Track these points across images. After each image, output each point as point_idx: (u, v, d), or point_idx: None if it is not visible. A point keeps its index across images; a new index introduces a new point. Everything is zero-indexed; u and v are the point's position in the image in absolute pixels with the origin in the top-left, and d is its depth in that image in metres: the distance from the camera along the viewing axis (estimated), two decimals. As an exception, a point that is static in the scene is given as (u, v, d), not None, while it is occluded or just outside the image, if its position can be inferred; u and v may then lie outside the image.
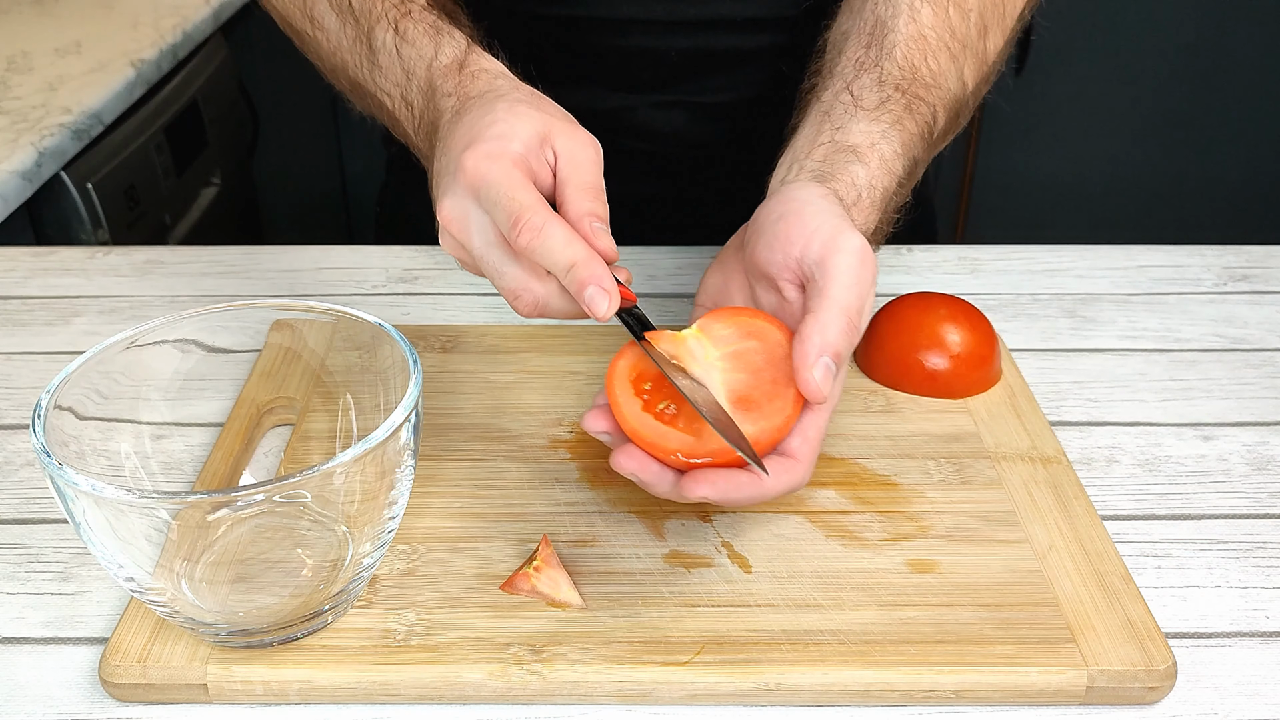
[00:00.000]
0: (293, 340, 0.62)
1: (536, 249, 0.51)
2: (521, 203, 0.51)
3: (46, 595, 0.56)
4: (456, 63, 0.61)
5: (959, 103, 0.68)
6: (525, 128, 0.54)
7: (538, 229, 0.51)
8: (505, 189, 0.51)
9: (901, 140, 0.62)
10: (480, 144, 0.53)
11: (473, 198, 0.53)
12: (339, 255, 0.87)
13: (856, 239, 0.53)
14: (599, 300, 0.51)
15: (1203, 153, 2.43)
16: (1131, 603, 0.53)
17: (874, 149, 0.60)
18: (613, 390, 0.52)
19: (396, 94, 0.64)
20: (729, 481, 0.50)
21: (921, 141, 0.64)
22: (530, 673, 0.50)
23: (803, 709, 0.50)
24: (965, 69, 0.68)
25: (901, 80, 0.64)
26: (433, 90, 0.61)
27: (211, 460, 0.61)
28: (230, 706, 0.50)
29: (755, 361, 0.53)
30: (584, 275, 0.51)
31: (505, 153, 0.53)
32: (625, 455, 0.51)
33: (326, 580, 0.52)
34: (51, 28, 1.49)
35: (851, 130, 0.61)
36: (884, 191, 0.60)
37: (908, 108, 0.63)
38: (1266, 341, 0.77)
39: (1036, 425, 0.65)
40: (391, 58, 0.63)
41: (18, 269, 0.86)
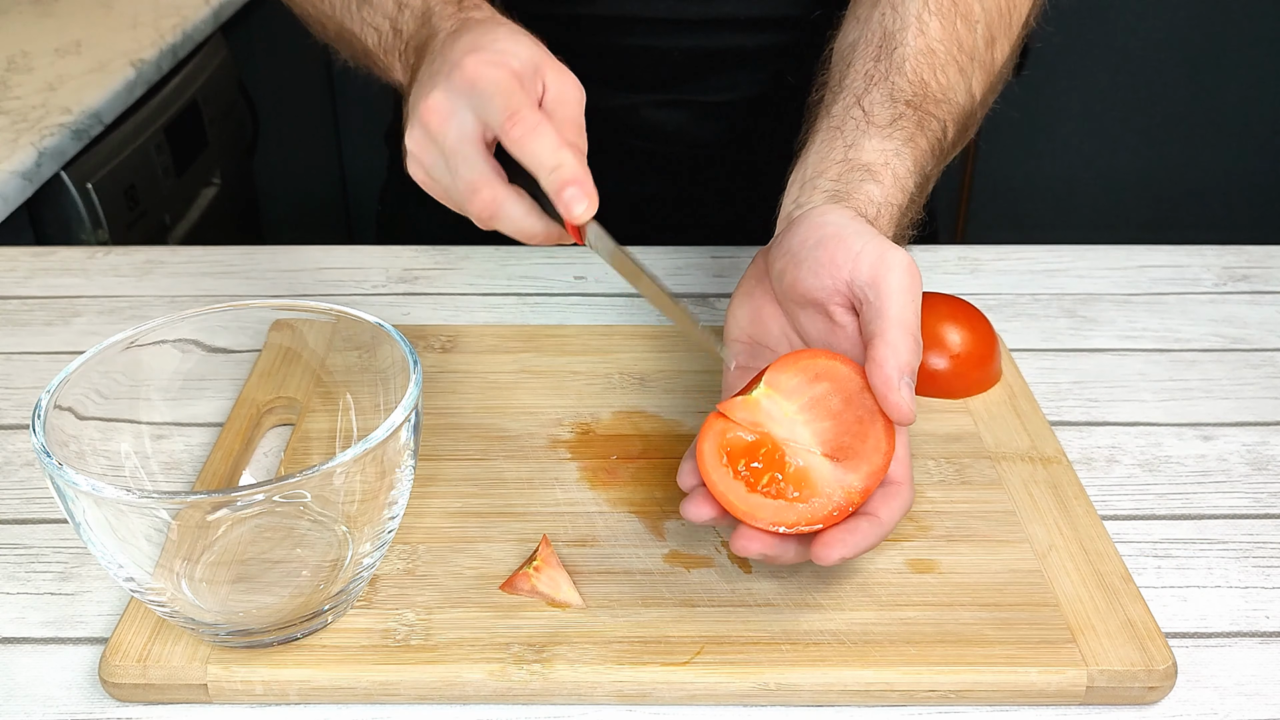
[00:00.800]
0: (293, 340, 0.62)
1: (528, 143, 0.51)
2: (521, 100, 0.52)
3: (46, 595, 0.56)
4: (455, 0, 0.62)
5: (968, 115, 0.68)
6: (524, 52, 0.55)
7: (533, 125, 0.51)
8: (504, 87, 0.52)
9: (914, 157, 0.62)
10: (483, 52, 0.53)
11: (465, 93, 0.53)
12: (339, 255, 0.87)
13: (902, 255, 0.53)
14: (578, 201, 0.50)
15: (1203, 153, 2.43)
16: (1131, 603, 0.53)
17: (887, 167, 0.60)
18: (710, 478, 0.51)
19: (386, 26, 0.65)
20: (854, 536, 0.50)
21: (932, 157, 0.64)
22: (530, 673, 0.50)
23: (803, 709, 0.50)
24: (974, 81, 0.68)
25: (913, 96, 0.63)
26: (429, 14, 0.62)
27: (211, 460, 0.61)
28: (230, 706, 0.50)
29: (833, 405, 0.53)
30: (568, 175, 0.51)
31: (505, 64, 0.53)
32: (748, 539, 0.50)
33: (326, 580, 0.52)
34: (51, 28, 1.49)
35: (865, 148, 0.61)
36: (898, 208, 0.60)
37: (919, 124, 0.63)
38: (1266, 341, 0.77)
39: (1036, 425, 0.65)
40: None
41: (18, 269, 0.86)
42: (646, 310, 0.80)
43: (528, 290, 0.82)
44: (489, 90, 0.52)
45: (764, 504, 0.50)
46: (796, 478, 0.51)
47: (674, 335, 0.74)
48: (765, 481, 0.51)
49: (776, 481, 0.51)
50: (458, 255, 0.87)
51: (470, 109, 0.53)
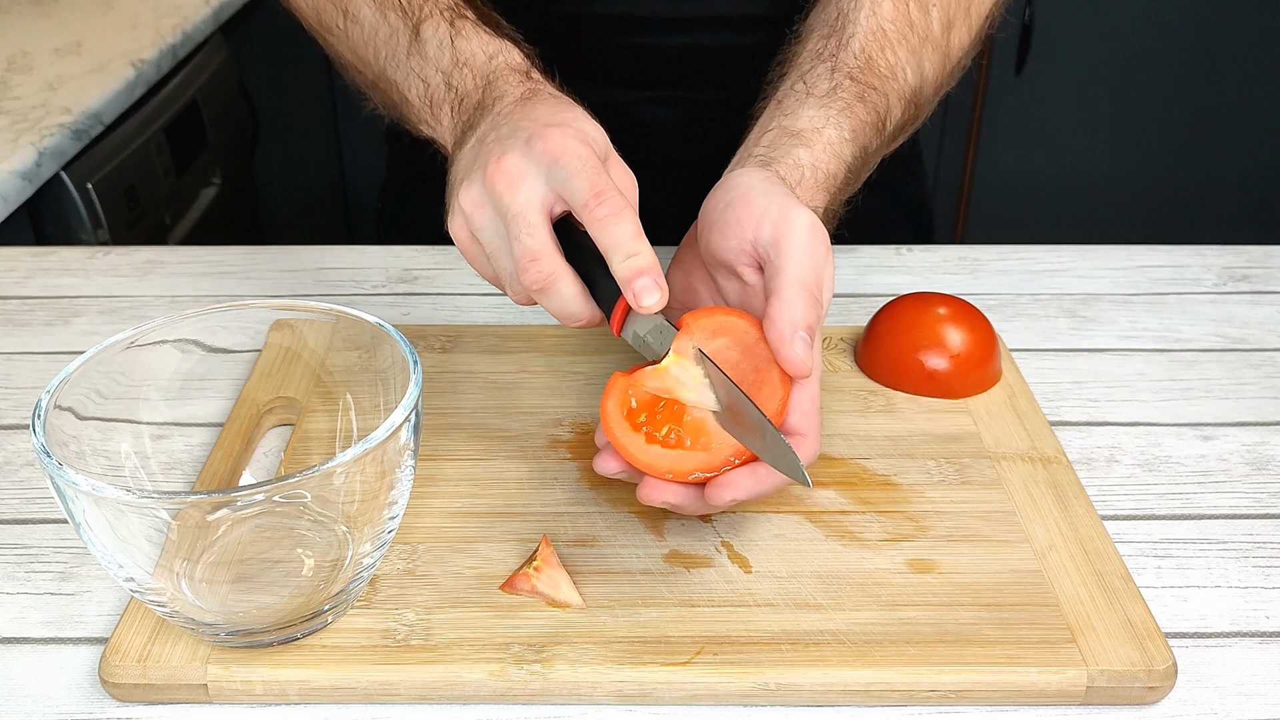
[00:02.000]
0: (293, 340, 0.62)
1: (611, 225, 0.51)
2: (607, 181, 0.52)
3: (46, 595, 0.56)
4: (523, 68, 0.62)
5: (916, 95, 0.68)
6: (600, 136, 0.56)
7: (619, 207, 0.52)
8: (591, 164, 0.53)
9: (851, 126, 0.62)
10: (569, 127, 0.54)
11: (545, 163, 0.53)
12: (339, 255, 0.87)
13: (805, 214, 0.54)
14: (649, 292, 0.51)
15: (1203, 153, 2.43)
16: (1131, 603, 0.53)
17: (819, 133, 0.61)
18: (613, 433, 0.53)
19: (438, 79, 0.64)
20: (750, 479, 0.51)
21: (874, 130, 0.64)
22: (530, 673, 0.50)
23: (803, 709, 0.50)
24: (925, 62, 0.68)
25: (855, 69, 0.64)
26: (494, 77, 0.61)
27: (211, 460, 0.61)
28: (230, 706, 0.50)
29: (730, 356, 0.54)
30: (645, 265, 0.51)
31: (589, 144, 0.54)
32: (650, 488, 0.52)
33: (326, 580, 0.52)
34: (51, 28, 1.49)
35: (799, 116, 0.62)
36: (828, 174, 0.61)
37: (859, 96, 0.63)
38: (1266, 341, 0.77)
39: (1036, 425, 0.65)
40: (442, 47, 0.64)
41: (18, 269, 0.86)
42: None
43: (528, 290, 0.82)
44: (574, 165, 0.52)
45: (662, 454, 0.52)
46: (693, 428, 0.53)
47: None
48: (664, 433, 0.53)
49: (675, 432, 0.53)
50: (458, 255, 0.87)
51: (545, 179, 0.53)
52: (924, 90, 0.69)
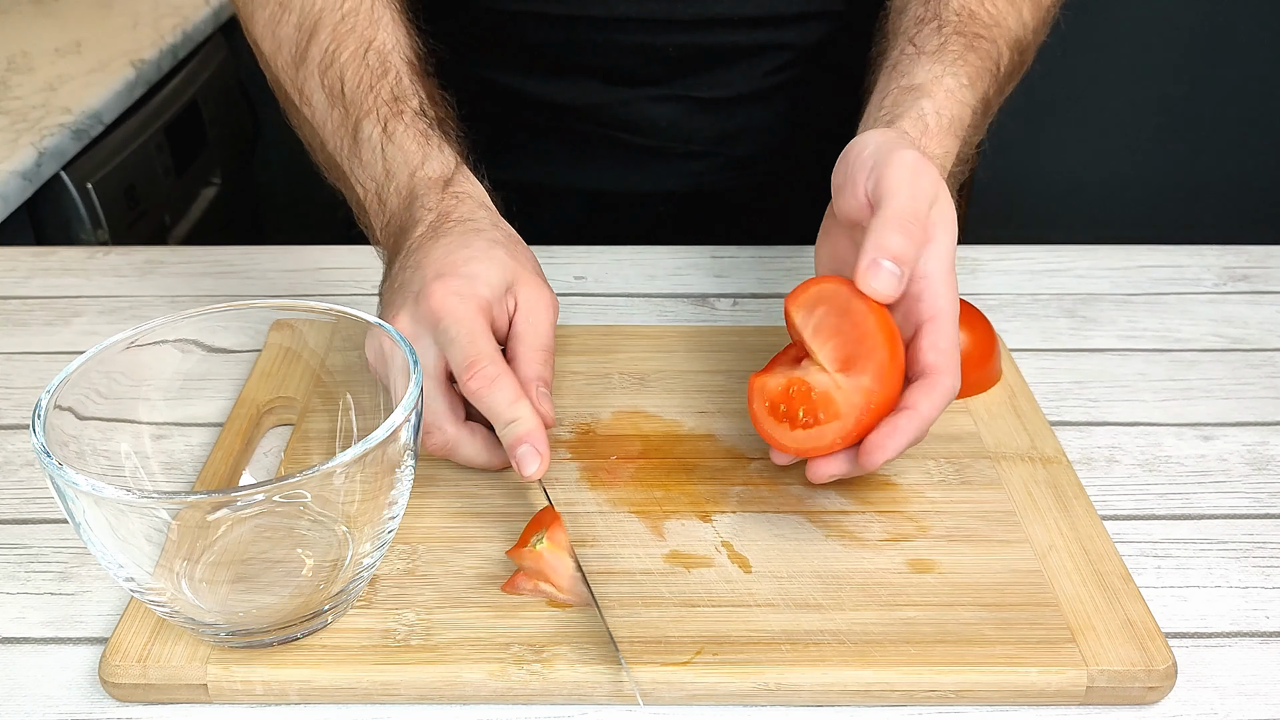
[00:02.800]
0: (293, 340, 0.62)
1: (484, 396, 0.54)
2: (480, 349, 0.54)
3: (46, 595, 0.56)
4: (442, 179, 0.62)
5: (1021, 41, 0.70)
6: (496, 274, 0.57)
7: (490, 379, 0.54)
8: (467, 331, 0.54)
9: (967, 73, 0.63)
10: (452, 279, 0.55)
11: (430, 326, 0.55)
12: (339, 255, 0.87)
13: (908, 152, 0.54)
14: (529, 460, 0.54)
15: (1203, 153, 2.43)
16: (1131, 603, 0.53)
17: (938, 82, 0.62)
18: (763, 430, 0.56)
19: (372, 188, 0.64)
20: (892, 437, 0.52)
21: (989, 76, 0.65)
22: (530, 673, 0.50)
23: (803, 709, 0.50)
24: (1024, 9, 0.70)
25: (960, 24, 0.66)
26: (413, 198, 0.62)
27: (211, 460, 0.61)
28: (230, 706, 0.50)
29: (831, 322, 0.55)
30: (521, 432, 0.54)
31: (474, 295, 0.55)
32: (815, 468, 0.55)
33: (326, 580, 0.52)
34: (51, 28, 1.49)
35: (915, 74, 0.63)
36: (954, 119, 0.62)
37: (969, 46, 0.65)
38: (1266, 341, 0.77)
39: (1036, 425, 0.65)
40: (375, 154, 0.64)
41: (18, 269, 0.86)
42: (646, 310, 0.80)
43: (528, 290, 0.82)
44: (452, 330, 0.54)
45: (805, 435, 0.55)
46: (821, 401, 0.55)
47: (674, 335, 0.74)
48: (801, 415, 0.55)
49: (811, 411, 0.55)
50: (458, 255, 0.87)
51: (433, 343, 0.55)
52: (1026, 36, 0.70)
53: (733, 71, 0.88)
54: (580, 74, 0.88)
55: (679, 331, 0.75)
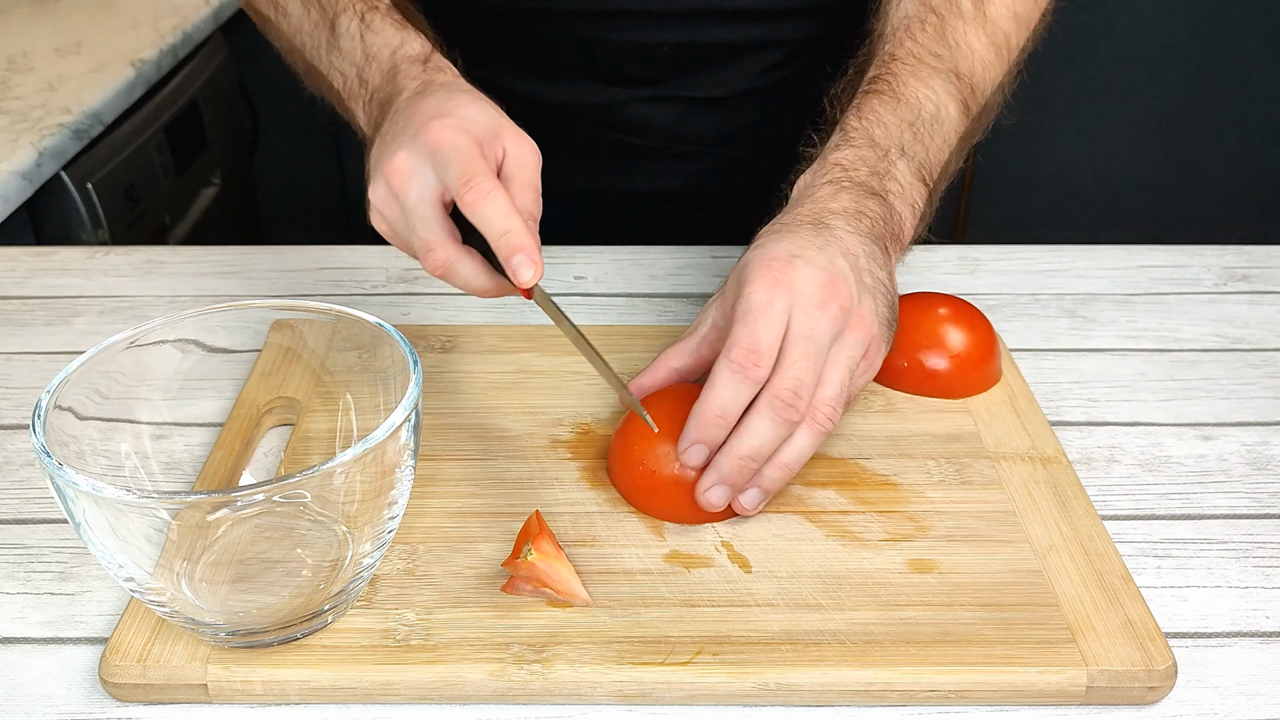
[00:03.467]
0: (293, 340, 0.62)
1: (480, 208, 0.54)
2: (477, 168, 0.55)
3: (46, 595, 0.56)
4: (422, 57, 0.65)
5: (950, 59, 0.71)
6: (484, 119, 0.58)
7: (486, 191, 0.54)
8: (464, 153, 0.55)
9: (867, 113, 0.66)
10: (446, 118, 0.57)
11: (428, 156, 0.56)
12: (339, 255, 0.87)
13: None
14: (525, 267, 0.54)
15: (1203, 153, 2.43)
16: (1131, 603, 0.53)
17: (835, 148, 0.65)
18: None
19: (352, 73, 0.67)
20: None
21: (890, 107, 0.67)
22: (530, 673, 0.50)
23: (803, 709, 0.50)
24: (957, 37, 0.72)
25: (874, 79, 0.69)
26: (395, 72, 0.64)
27: (211, 460, 0.61)
28: (230, 706, 0.50)
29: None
30: (517, 242, 0.54)
31: (467, 130, 0.57)
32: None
33: (326, 580, 0.52)
34: (51, 28, 1.49)
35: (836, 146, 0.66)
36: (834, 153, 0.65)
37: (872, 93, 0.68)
38: (1266, 341, 0.77)
39: (1036, 425, 0.65)
40: (354, 41, 0.67)
41: (18, 269, 0.86)
42: (646, 310, 0.80)
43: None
44: (449, 155, 0.55)
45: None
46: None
47: (674, 335, 0.74)
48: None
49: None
50: (458, 255, 0.87)
51: (432, 171, 0.56)
52: (963, 48, 0.72)
53: (728, 70, 0.88)
54: (577, 75, 0.88)
55: (679, 331, 0.75)
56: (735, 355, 0.55)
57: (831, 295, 0.56)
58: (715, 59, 0.87)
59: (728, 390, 0.55)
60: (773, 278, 0.56)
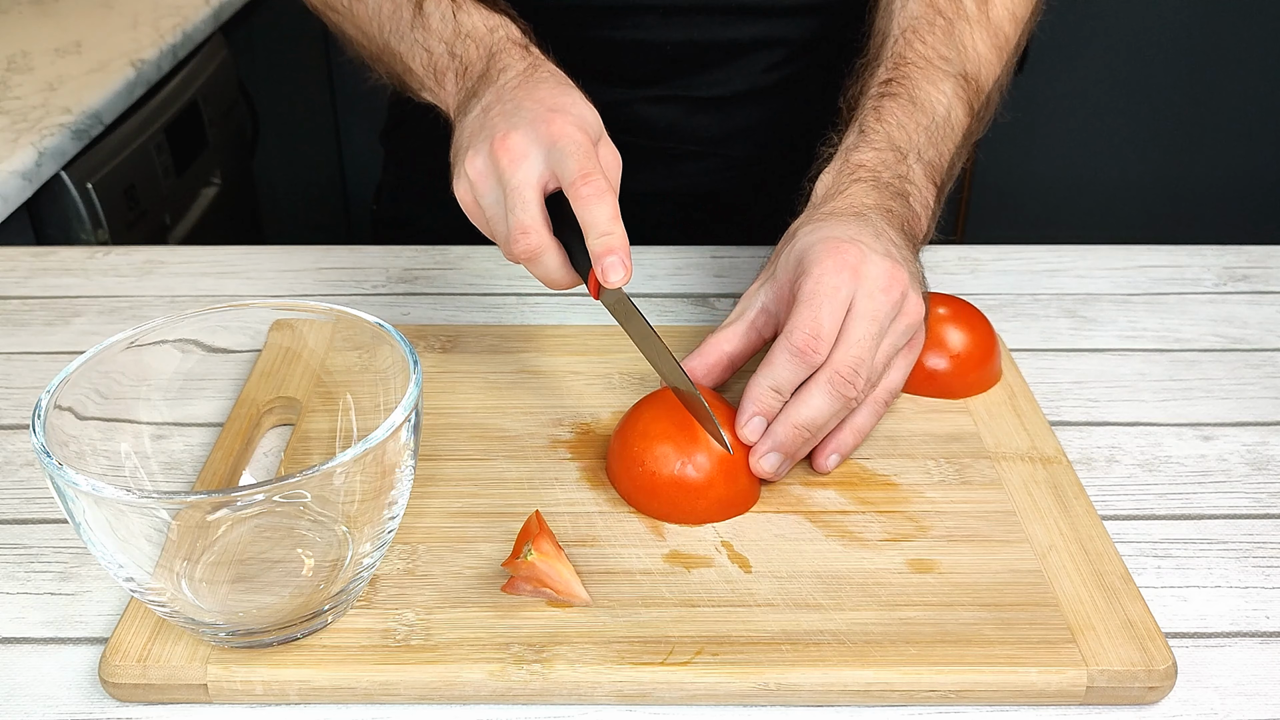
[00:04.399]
0: (293, 340, 0.62)
1: (593, 203, 0.56)
2: (595, 164, 0.57)
3: (46, 595, 0.56)
4: (523, 42, 0.67)
5: (958, 60, 0.72)
6: (594, 120, 0.61)
7: (601, 189, 0.56)
8: (584, 148, 0.58)
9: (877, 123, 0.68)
10: (568, 114, 0.59)
11: (545, 145, 0.58)
12: (339, 255, 0.87)
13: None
14: (616, 269, 0.56)
15: (1203, 153, 2.43)
16: (1131, 603, 0.53)
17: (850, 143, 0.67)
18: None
19: (442, 49, 0.68)
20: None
21: (907, 109, 0.68)
22: (530, 673, 0.50)
23: (803, 709, 0.50)
24: (964, 37, 0.73)
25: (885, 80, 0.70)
26: (496, 51, 0.66)
27: (211, 460, 0.61)
28: (230, 706, 0.50)
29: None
30: (615, 244, 0.56)
31: (586, 131, 0.59)
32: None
33: (326, 580, 0.52)
34: (51, 28, 1.49)
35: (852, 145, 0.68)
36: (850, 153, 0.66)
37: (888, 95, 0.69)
38: (1266, 341, 0.77)
39: (1036, 425, 0.65)
40: (445, 20, 0.69)
41: (18, 269, 0.86)
42: (646, 310, 0.80)
43: (528, 290, 0.82)
44: (569, 148, 0.57)
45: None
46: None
47: (674, 335, 0.74)
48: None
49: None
50: (458, 255, 0.87)
51: (544, 159, 0.58)
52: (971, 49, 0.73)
53: (729, 70, 0.88)
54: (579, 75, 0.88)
55: (679, 331, 0.75)
56: (796, 339, 0.57)
57: (894, 280, 0.58)
58: (716, 58, 0.87)
59: (785, 370, 0.57)
60: (840, 259, 0.58)
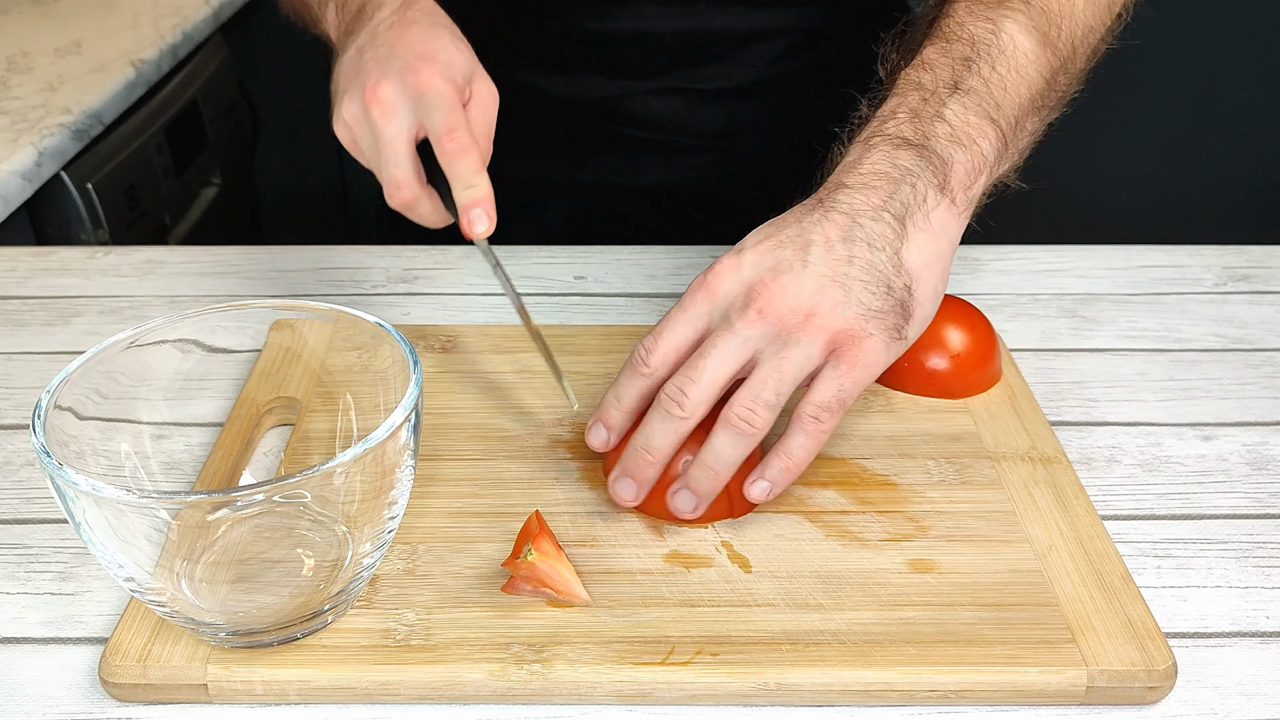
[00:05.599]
0: (293, 340, 0.62)
1: (456, 158, 0.59)
2: (460, 120, 0.60)
3: (46, 595, 0.56)
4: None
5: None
6: (463, 63, 0.63)
7: (464, 145, 0.59)
8: (450, 101, 0.60)
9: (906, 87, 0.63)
10: (436, 62, 0.61)
11: (413, 97, 0.60)
12: (339, 255, 0.87)
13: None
14: (480, 220, 0.59)
15: (1203, 153, 2.43)
16: (1131, 603, 0.53)
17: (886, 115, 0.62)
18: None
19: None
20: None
21: (951, 62, 0.63)
22: (530, 673, 0.50)
23: (803, 709, 0.50)
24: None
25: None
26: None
27: (211, 460, 0.61)
28: (230, 706, 0.50)
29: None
30: (480, 195, 0.59)
31: (452, 78, 0.61)
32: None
33: (326, 580, 0.52)
34: (51, 28, 1.49)
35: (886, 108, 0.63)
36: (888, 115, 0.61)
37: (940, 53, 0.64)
38: (1266, 341, 0.77)
39: (1036, 425, 0.65)
40: None
41: (18, 269, 0.86)
42: (646, 310, 0.80)
43: (528, 290, 0.82)
44: (436, 101, 0.59)
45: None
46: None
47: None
48: None
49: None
50: (458, 255, 0.87)
51: (412, 111, 0.60)
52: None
53: (731, 62, 0.88)
54: (581, 68, 0.88)
55: (679, 331, 0.75)
56: (634, 352, 0.58)
57: (756, 297, 0.54)
58: (718, 49, 0.87)
59: (623, 382, 0.59)
60: (702, 279, 0.58)
